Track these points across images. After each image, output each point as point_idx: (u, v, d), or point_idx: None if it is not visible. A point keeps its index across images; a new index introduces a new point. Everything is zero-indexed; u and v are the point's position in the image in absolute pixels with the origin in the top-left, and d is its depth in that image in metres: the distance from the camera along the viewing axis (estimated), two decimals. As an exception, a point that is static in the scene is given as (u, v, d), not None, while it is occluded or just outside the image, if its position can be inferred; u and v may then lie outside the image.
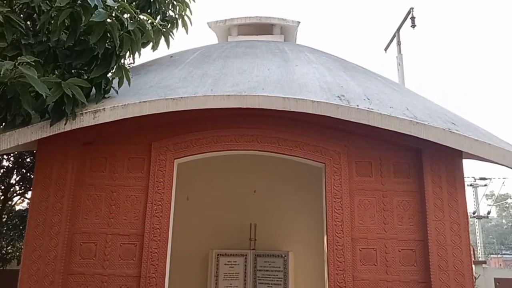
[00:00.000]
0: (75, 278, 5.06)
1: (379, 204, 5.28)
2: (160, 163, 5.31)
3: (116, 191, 5.30)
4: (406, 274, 5.07)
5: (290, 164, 9.36)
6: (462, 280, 4.93)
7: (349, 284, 4.98)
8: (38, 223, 5.05)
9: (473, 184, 24.80)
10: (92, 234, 5.18)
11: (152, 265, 5.04)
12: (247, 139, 5.44)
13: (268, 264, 9.39)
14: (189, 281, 9.67)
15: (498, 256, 31.25)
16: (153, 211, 5.18)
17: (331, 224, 5.20)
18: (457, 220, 5.08)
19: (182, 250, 9.15)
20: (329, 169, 5.33)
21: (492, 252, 34.34)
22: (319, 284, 6.94)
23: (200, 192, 10.16)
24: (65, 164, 5.24)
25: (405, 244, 5.16)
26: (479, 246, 24.67)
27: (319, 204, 5.77)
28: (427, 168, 5.21)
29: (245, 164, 9.85)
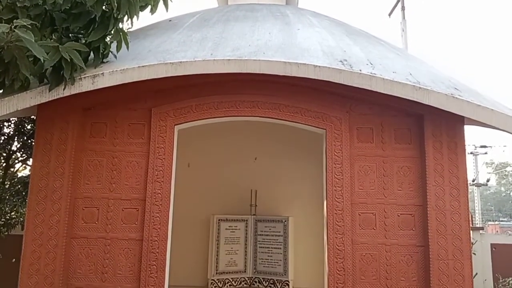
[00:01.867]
0: (78, 242, 5.15)
1: (379, 169, 5.30)
2: (160, 129, 5.30)
3: (117, 156, 5.32)
4: (404, 238, 5.15)
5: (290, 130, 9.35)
6: (459, 244, 5.01)
7: (348, 247, 5.07)
8: (40, 188, 5.09)
9: (474, 152, 24.89)
10: (94, 199, 5.23)
11: (154, 229, 5.11)
12: (247, 105, 5.40)
13: (269, 229, 9.54)
14: (191, 245, 9.85)
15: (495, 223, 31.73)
16: (154, 176, 5.21)
17: (331, 190, 5.23)
18: (456, 185, 5.11)
19: (184, 216, 9.29)
20: (330, 135, 5.32)
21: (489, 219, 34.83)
22: (318, 248, 7.07)
23: (201, 159, 10.20)
24: (65, 130, 5.22)
25: (404, 209, 5.22)
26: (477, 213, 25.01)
27: (319, 170, 5.80)
28: (428, 134, 5.19)
29: (246, 131, 9.84)
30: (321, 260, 5.81)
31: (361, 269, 5.10)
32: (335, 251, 5.07)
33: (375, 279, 5.08)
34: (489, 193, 45.52)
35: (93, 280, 5.09)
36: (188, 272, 9.69)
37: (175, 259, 7.20)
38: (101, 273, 5.10)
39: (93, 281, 5.08)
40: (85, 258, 5.13)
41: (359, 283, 5.06)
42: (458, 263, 4.98)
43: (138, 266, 5.09)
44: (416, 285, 5.06)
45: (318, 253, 7.67)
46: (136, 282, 5.05)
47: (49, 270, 4.94)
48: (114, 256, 5.13)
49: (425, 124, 5.23)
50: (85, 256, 5.13)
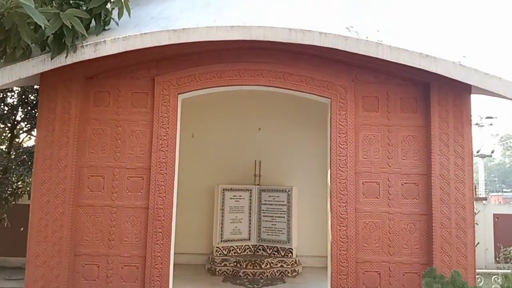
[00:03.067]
0: (84, 210, 5.21)
1: (384, 139, 5.28)
2: (163, 98, 5.27)
3: (121, 125, 5.31)
4: (408, 206, 5.18)
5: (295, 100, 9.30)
6: (463, 212, 5.04)
7: (351, 215, 5.11)
8: (45, 157, 5.12)
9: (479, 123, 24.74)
10: (99, 168, 5.27)
11: (160, 197, 5.16)
12: (251, 73, 5.33)
13: (272, 198, 9.63)
14: (197, 213, 10.00)
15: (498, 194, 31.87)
16: (159, 145, 5.22)
17: (335, 159, 5.23)
18: (462, 154, 5.09)
19: (189, 185, 9.38)
20: (335, 104, 5.27)
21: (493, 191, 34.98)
22: (321, 217, 7.14)
23: (205, 130, 10.20)
24: (69, 99, 5.20)
25: (408, 178, 5.22)
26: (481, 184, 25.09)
27: (323, 140, 5.78)
28: (434, 102, 5.14)
29: (250, 102, 9.80)
30: (324, 229, 5.88)
31: (364, 237, 5.15)
32: (339, 219, 5.12)
33: (378, 247, 5.14)
34: (493, 165, 45.52)
35: (100, 247, 5.18)
36: (193, 240, 9.87)
37: (181, 228, 7.31)
38: (107, 240, 5.19)
39: (100, 248, 5.18)
40: (91, 225, 5.21)
41: (362, 250, 5.13)
42: (461, 231, 5.02)
43: (144, 233, 5.17)
44: (419, 253, 5.13)
45: (321, 222, 7.77)
46: (143, 249, 5.14)
47: (57, 238, 5.03)
48: (120, 224, 5.21)
49: (432, 92, 5.16)
50: (92, 223, 5.21)
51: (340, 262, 5.04)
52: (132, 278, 5.14)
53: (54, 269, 4.98)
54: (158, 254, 5.11)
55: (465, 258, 5.00)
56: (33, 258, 5.00)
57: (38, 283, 4.96)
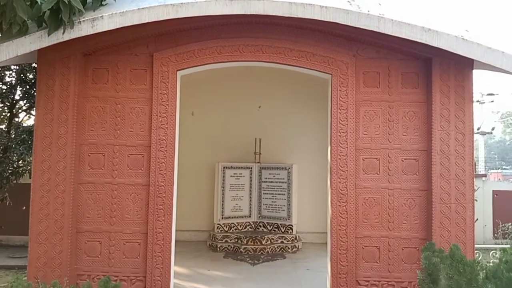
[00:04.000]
0: (85, 187, 5.23)
1: (384, 115, 5.25)
2: (162, 74, 5.21)
3: (120, 103, 5.28)
4: (407, 182, 5.20)
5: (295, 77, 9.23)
6: (462, 188, 5.05)
7: (351, 191, 5.13)
8: (45, 135, 5.10)
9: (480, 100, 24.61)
10: (100, 145, 5.26)
11: (160, 174, 5.17)
12: (251, 49, 5.27)
13: (273, 176, 9.68)
14: (198, 191, 10.07)
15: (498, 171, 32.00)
16: (159, 122, 5.20)
17: (335, 135, 5.22)
18: (462, 130, 5.08)
19: (190, 163, 9.41)
20: (335, 80, 5.23)
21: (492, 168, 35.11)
22: (321, 194, 7.18)
23: (205, 108, 10.18)
24: (67, 76, 5.15)
25: (409, 154, 5.22)
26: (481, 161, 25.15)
27: (323, 118, 5.77)
28: (436, 77, 5.09)
29: (250, 80, 9.73)
30: (324, 206, 5.92)
31: (363, 213, 5.19)
32: (338, 195, 5.14)
33: (377, 222, 5.18)
34: (493, 142, 45.54)
35: (102, 224, 5.22)
36: (195, 217, 9.98)
37: (183, 205, 7.37)
38: (109, 217, 5.23)
39: (101, 225, 5.22)
40: (93, 203, 5.23)
41: (362, 225, 5.17)
42: (461, 206, 5.04)
43: (145, 210, 5.20)
44: (418, 228, 5.17)
45: (321, 198, 7.82)
46: (144, 225, 5.18)
47: (58, 215, 5.06)
48: (122, 201, 5.23)
49: (433, 67, 5.11)
50: (93, 201, 5.23)
51: (339, 237, 5.09)
52: (134, 254, 5.20)
53: (56, 246, 5.03)
54: (159, 231, 5.15)
55: (464, 233, 5.04)
56: (35, 235, 5.05)
57: (41, 260, 5.02)
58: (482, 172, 19.18)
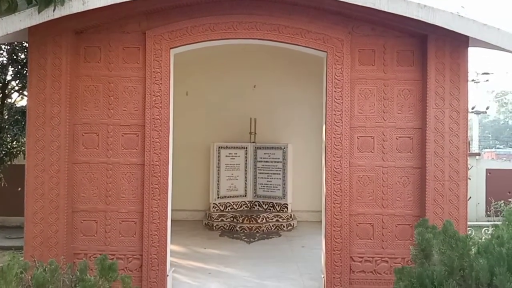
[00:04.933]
0: (80, 167, 5.22)
1: (379, 93, 5.23)
2: (155, 52, 5.15)
3: (113, 82, 5.22)
4: (402, 160, 5.22)
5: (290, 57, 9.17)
6: (456, 165, 5.08)
7: (346, 170, 5.15)
8: (38, 114, 5.06)
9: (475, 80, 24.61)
10: (93, 125, 5.23)
11: (155, 153, 5.16)
12: (245, 26, 5.19)
13: (268, 155, 9.71)
14: (193, 171, 10.09)
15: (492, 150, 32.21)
16: (152, 102, 5.16)
17: (330, 114, 5.21)
18: (457, 108, 5.08)
19: (185, 143, 9.41)
20: (331, 58, 5.18)
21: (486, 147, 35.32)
22: (316, 173, 7.22)
23: (199, 88, 10.12)
24: (59, 54, 5.08)
25: (403, 132, 5.23)
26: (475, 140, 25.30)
27: (319, 98, 5.74)
28: (431, 55, 5.06)
29: (245, 59, 9.66)
30: (318, 185, 5.96)
31: (357, 190, 5.22)
32: (333, 174, 5.16)
33: (371, 200, 5.22)
34: (488, 121, 45.75)
35: (98, 203, 5.23)
36: (191, 197, 10.04)
37: (178, 185, 7.39)
38: (105, 196, 5.23)
39: (97, 204, 5.23)
40: (88, 182, 5.23)
41: (356, 203, 5.21)
42: (454, 184, 5.08)
43: (141, 189, 5.20)
44: (412, 205, 5.22)
45: (316, 177, 7.86)
46: (140, 205, 5.19)
47: (54, 195, 5.06)
48: (117, 180, 5.23)
49: (429, 45, 5.07)
50: (88, 180, 5.23)
51: (334, 215, 5.13)
52: (131, 233, 5.23)
53: (52, 226, 5.04)
54: (155, 210, 5.17)
55: (457, 210, 5.09)
56: (31, 215, 5.05)
57: (38, 239, 5.04)
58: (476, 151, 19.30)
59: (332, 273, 5.12)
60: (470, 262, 3.22)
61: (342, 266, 5.11)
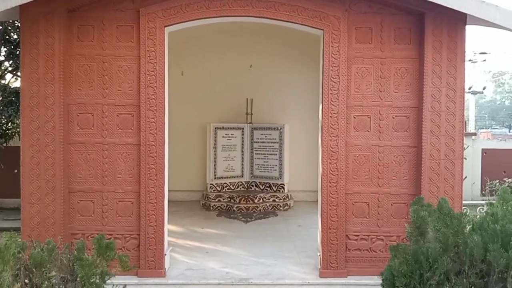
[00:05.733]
0: (76, 147, 5.20)
1: (376, 71, 5.20)
2: (149, 31, 5.07)
3: (107, 61, 5.16)
4: (398, 139, 5.22)
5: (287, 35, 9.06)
6: (452, 144, 5.09)
7: (342, 149, 5.15)
8: (32, 94, 5.00)
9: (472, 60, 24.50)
10: (88, 105, 5.18)
11: (151, 133, 5.13)
12: (241, 3, 5.11)
13: (265, 136, 9.69)
14: (190, 152, 10.09)
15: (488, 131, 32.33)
16: (147, 81, 5.10)
17: (326, 93, 5.18)
18: (454, 86, 5.06)
19: (181, 124, 9.38)
20: (327, 36, 5.12)
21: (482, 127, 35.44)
22: (312, 153, 7.23)
23: (195, 68, 10.03)
24: (51, 33, 4.99)
25: (400, 111, 5.22)
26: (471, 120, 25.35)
27: (315, 78, 5.69)
28: (428, 32, 5.01)
29: (241, 38, 9.54)
30: (315, 165, 5.96)
31: (353, 170, 5.23)
32: (329, 153, 5.16)
33: (367, 179, 5.24)
34: (484, 101, 45.76)
35: (94, 184, 5.23)
36: (188, 178, 10.06)
37: (175, 166, 7.38)
38: (101, 177, 5.22)
39: (94, 185, 5.22)
40: (84, 163, 5.21)
41: (352, 182, 5.23)
42: (450, 162, 5.10)
43: (137, 169, 5.20)
44: (407, 184, 5.24)
45: (312, 158, 7.86)
46: (136, 185, 5.19)
47: (50, 175, 5.04)
48: (113, 161, 5.22)
49: (426, 22, 5.02)
50: (84, 161, 5.21)
51: (330, 194, 5.15)
52: (128, 213, 5.24)
53: (49, 206, 5.04)
54: (152, 190, 5.17)
55: (453, 188, 5.12)
56: (27, 196, 5.05)
57: (35, 220, 5.04)
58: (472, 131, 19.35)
59: (328, 251, 5.17)
60: (464, 239, 3.25)
61: (338, 244, 5.16)
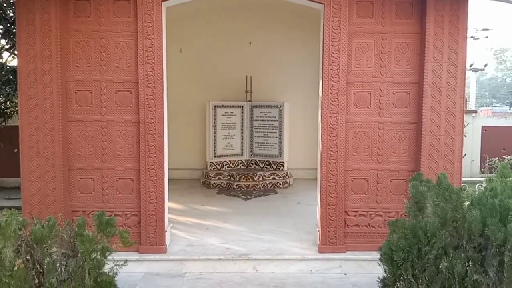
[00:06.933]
0: (74, 125, 5.18)
1: (377, 47, 5.14)
2: (147, 5, 4.98)
3: (104, 37, 5.09)
4: (398, 115, 5.20)
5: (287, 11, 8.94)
6: (452, 120, 5.07)
7: (342, 125, 5.13)
8: (29, 72, 4.96)
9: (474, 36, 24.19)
10: (86, 82, 5.14)
11: (150, 111, 5.11)
12: (240, -22, 5.01)
13: (264, 114, 9.66)
14: (189, 130, 10.07)
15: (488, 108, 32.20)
16: (145, 57, 5.04)
17: (327, 69, 5.12)
18: (455, 62, 5.00)
19: (181, 102, 9.33)
20: (328, 10, 5.04)
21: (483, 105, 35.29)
22: (312, 131, 7.21)
23: (194, 45, 9.91)
24: (47, 9, 4.91)
25: (400, 86, 5.18)
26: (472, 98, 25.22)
27: (315, 55, 5.62)
28: (431, 6, 4.93)
29: (240, 14, 9.41)
30: (314, 143, 5.95)
31: (353, 146, 5.23)
32: (329, 130, 5.14)
33: (367, 155, 5.24)
34: (485, 79, 45.46)
35: (94, 161, 5.23)
36: (188, 156, 10.07)
37: (175, 144, 7.39)
38: (100, 154, 5.22)
39: (93, 162, 5.23)
40: (83, 140, 5.20)
41: (351, 159, 5.23)
42: (450, 138, 5.09)
43: (136, 147, 5.19)
44: (407, 160, 5.24)
45: (312, 136, 7.85)
46: (136, 162, 5.20)
47: (49, 153, 5.04)
48: (112, 138, 5.20)
49: (428, -4, 4.94)
50: (83, 138, 5.20)
51: (329, 171, 5.16)
52: (128, 190, 5.26)
53: (49, 184, 5.06)
54: (152, 167, 5.17)
55: (452, 164, 5.12)
56: (27, 173, 5.05)
57: (35, 197, 5.06)
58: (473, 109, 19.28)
59: (327, 227, 5.21)
60: (463, 214, 3.27)
61: (337, 220, 5.20)
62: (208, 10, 9.22)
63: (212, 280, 4.82)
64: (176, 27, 6.53)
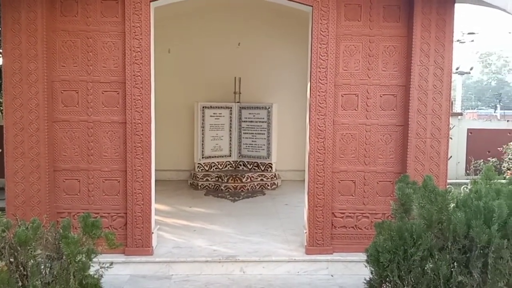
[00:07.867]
0: (60, 125, 5.12)
1: (365, 49, 5.17)
2: (135, 5, 4.94)
3: (91, 37, 5.04)
4: (385, 118, 5.24)
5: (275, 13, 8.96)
6: (438, 123, 5.13)
7: (329, 128, 5.16)
8: (14, 71, 4.89)
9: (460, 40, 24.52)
10: (72, 82, 5.08)
11: (137, 111, 5.07)
12: (228, -21, 5.01)
13: (253, 115, 9.66)
14: (177, 131, 10.02)
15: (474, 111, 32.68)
16: (133, 58, 5.01)
17: (315, 71, 5.15)
18: (441, 65, 5.07)
19: (168, 102, 9.28)
20: (316, 13, 5.06)
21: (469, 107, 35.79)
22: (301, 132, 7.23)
23: (182, 45, 9.88)
24: (34, 7, 4.84)
25: (387, 89, 5.22)
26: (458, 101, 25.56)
27: (304, 57, 5.65)
28: (418, 10, 4.98)
29: (229, 16, 9.41)
30: (302, 144, 5.96)
31: (340, 148, 5.26)
32: (317, 132, 5.17)
33: (354, 157, 5.27)
34: (471, 82, 46.11)
35: (80, 162, 5.17)
36: (175, 157, 10.02)
37: (163, 146, 7.34)
38: (86, 155, 5.16)
39: (79, 163, 5.17)
40: (69, 141, 5.14)
41: (338, 160, 5.26)
42: (435, 141, 5.15)
43: (123, 148, 5.15)
44: (393, 162, 5.29)
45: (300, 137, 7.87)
46: (123, 163, 5.15)
47: (34, 153, 4.97)
48: (99, 139, 5.15)
49: (415, 0, 4.98)
50: (69, 139, 5.14)
51: (317, 172, 5.18)
52: (114, 192, 5.21)
53: (34, 185, 4.99)
54: (138, 168, 5.13)
55: (438, 166, 5.19)
56: (11, 174, 4.98)
57: (20, 198, 4.99)
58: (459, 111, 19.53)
59: (314, 228, 5.22)
60: (448, 216, 3.30)
61: (324, 222, 5.22)
62: (197, 11, 9.20)
63: (199, 282, 4.80)
64: (164, 27, 6.50)
